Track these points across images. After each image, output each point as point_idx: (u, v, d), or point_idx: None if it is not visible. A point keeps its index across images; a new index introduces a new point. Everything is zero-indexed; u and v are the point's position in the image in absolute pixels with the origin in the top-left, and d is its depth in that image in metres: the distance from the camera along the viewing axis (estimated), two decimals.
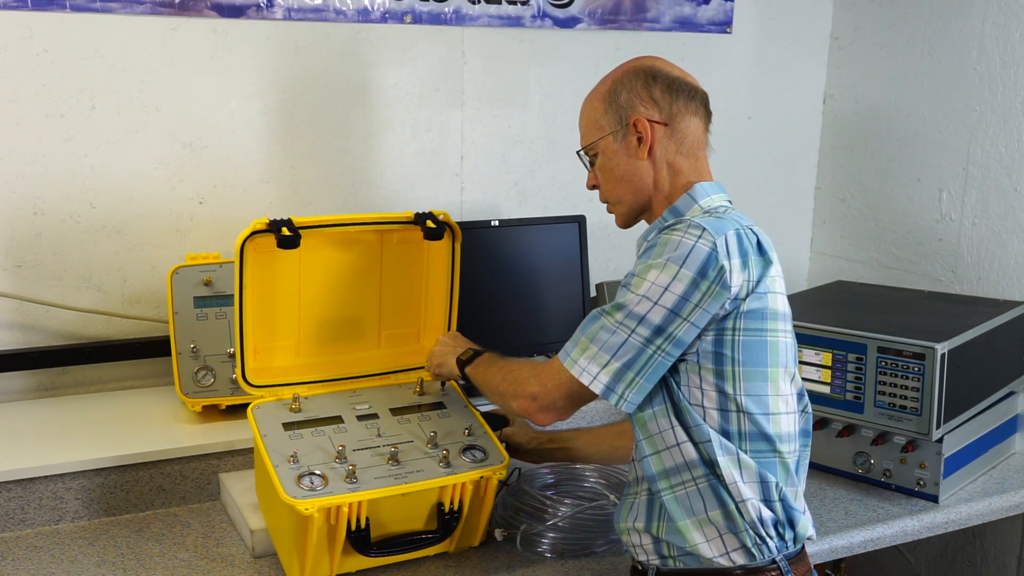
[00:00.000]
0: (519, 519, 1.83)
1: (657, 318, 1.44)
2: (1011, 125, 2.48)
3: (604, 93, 1.62)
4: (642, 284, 1.45)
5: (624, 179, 1.61)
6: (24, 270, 2.17)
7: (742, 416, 1.47)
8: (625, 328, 1.46)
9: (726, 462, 1.46)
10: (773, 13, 2.88)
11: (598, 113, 1.62)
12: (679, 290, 1.43)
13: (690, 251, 1.43)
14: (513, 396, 1.58)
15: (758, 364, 1.48)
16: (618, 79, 1.61)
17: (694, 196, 1.56)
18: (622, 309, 1.47)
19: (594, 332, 1.49)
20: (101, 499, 1.90)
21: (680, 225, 1.47)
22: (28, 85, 2.11)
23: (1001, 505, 2.08)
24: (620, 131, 1.59)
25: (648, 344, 1.45)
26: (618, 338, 1.46)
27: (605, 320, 1.48)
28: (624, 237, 2.82)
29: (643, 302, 1.45)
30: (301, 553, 1.61)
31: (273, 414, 1.76)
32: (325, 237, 1.83)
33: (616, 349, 1.46)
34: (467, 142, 2.57)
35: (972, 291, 2.58)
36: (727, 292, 1.43)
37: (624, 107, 1.58)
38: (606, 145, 1.61)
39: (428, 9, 2.44)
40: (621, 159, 1.60)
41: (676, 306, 1.43)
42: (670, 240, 1.46)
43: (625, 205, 1.64)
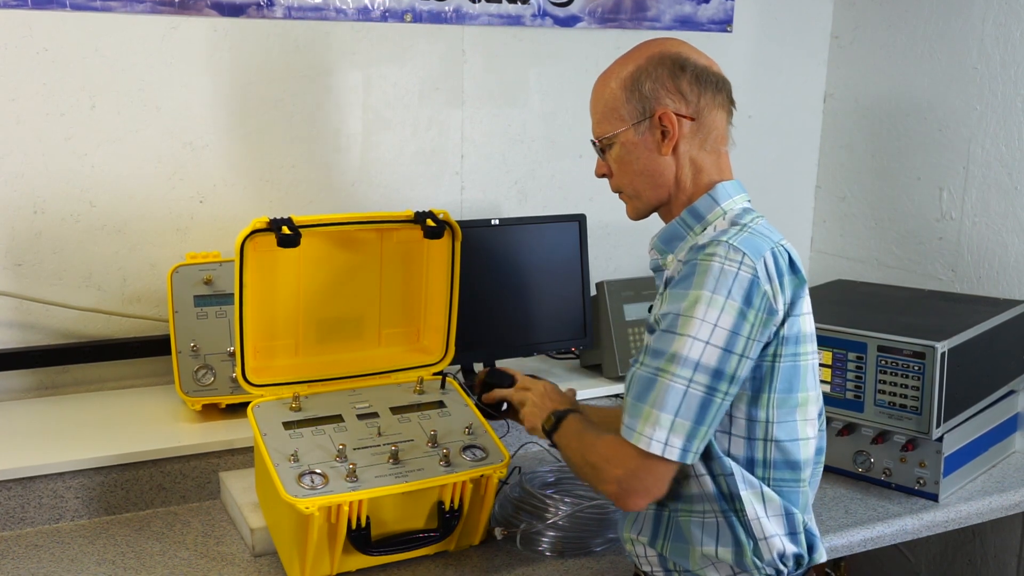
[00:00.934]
0: (519, 518, 1.83)
1: (713, 360, 1.35)
2: (1011, 124, 2.48)
3: (626, 80, 1.49)
4: (689, 323, 1.35)
5: (644, 174, 1.52)
6: (24, 269, 2.17)
7: (769, 444, 1.42)
8: (682, 380, 1.35)
9: (748, 496, 1.41)
10: (773, 12, 2.88)
11: (618, 101, 1.50)
12: (729, 324, 1.35)
13: (734, 280, 1.35)
14: (599, 481, 1.45)
15: (791, 390, 1.43)
16: (643, 66, 1.49)
17: (715, 197, 1.49)
18: (674, 360, 1.36)
19: (654, 397, 1.37)
20: (101, 498, 1.90)
21: (717, 249, 1.38)
22: (28, 84, 2.11)
23: (1001, 504, 2.08)
24: (643, 123, 1.48)
25: (712, 393, 1.36)
26: (677, 393, 1.35)
27: (661, 379, 1.37)
28: (624, 236, 2.83)
29: (695, 345, 1.35)
30: (301, 552, 1.61)
31: (273, 413, 1.76)
32: (325, 236, 1.83)
33: (679, 406, 1.35)
34: (467, 141, 2.57)
35: (972, 290, 2.58)
36: (775, 317, 1.38)
37: (649, 98, 1.48)
38: (626, 137, 1.50)
39: (428, 8, 2.44)
40: (642, 153, 1.50)
41: (729, 343, 1.35)
42: (710, 268, 1.36)
43: (642, 200, 1.55)
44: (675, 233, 1.52)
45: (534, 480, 1.93)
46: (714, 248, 1.38)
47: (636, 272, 2.79)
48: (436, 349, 1.96)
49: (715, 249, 1.38)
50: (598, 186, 2.75)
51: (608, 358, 2.41)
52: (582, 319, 2.43)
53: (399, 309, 1.96)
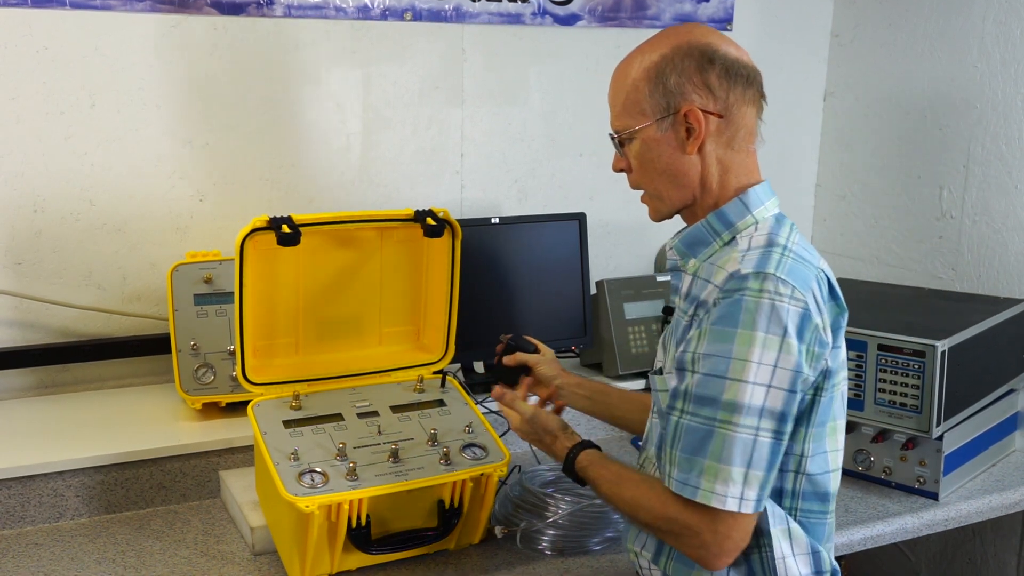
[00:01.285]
0: (519, 516, 1.83)
1: (779, 404, 1.27)
2: (1011, 122, 2.47)
3: (649, 71, 1.39)
4: (747, 368, 1.26)
5: (667, 173, 1.42)
6: (24, 268, 2.17)
7: (800, 476, 1.37)
8: (748, 429, 1.27)
9: (777, 534, 1.35)
10: (773, 10, 2.87)
11: (640, 94, 1.40)
12: (790, 364, 1.27)
13: (787, 316, 1.27)
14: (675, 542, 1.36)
15: (825, 422, 1.37)
16: (668, 57, 1.38)
17: (747, 203, 1.40)
18: (735, 409, 1.27)
19: (716, 450, 1.27)
20: (101, 496, 1.91)
21: (765, 283, 1.28)
22: (28, 83, 2.10)
23: (1001, 503, 2.08)
24: (667, 119, 1.38)
25: (779, 437, 1.29)
26: (746, 444, 1.27)
27: (723, 430, 1.27)
28: (624, 235, 2.83)
29: (755, 390, 1.26)
30: (301, 550, 1.61)
31: (273, 412, 1.76)
32: (325, 235, 1.83)
33: (749, 458, 1.27)
34: (467, 140, 2.57)
35: (972, 289, 2.58)
36: (826, 350, 1.32)
37: (674, 93, 1.37)
38: (648, 133, 1.40)
39: (428, 6, 2.44)
40: (664, 151, 1.40)
41: (792, 383, 1.28)
42: (760, 305, 1.27)
43: (664, 202, 1.45)
44: (700, 238, 1.43)
45: (534, 479, 1.93)
46: (761, 283, 1.29)
47: (636, 271, 2.79)
48: (436, 348, 1.96)
49: (763, 284, 1.29)
50: (598, 185, 2.77)
51: (608, 356, 2.41)
52: (582, 318, 2.43)
53: (399, 308, 1.96)
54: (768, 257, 1.33)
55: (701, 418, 1.29)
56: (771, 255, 1.33)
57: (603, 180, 2.71)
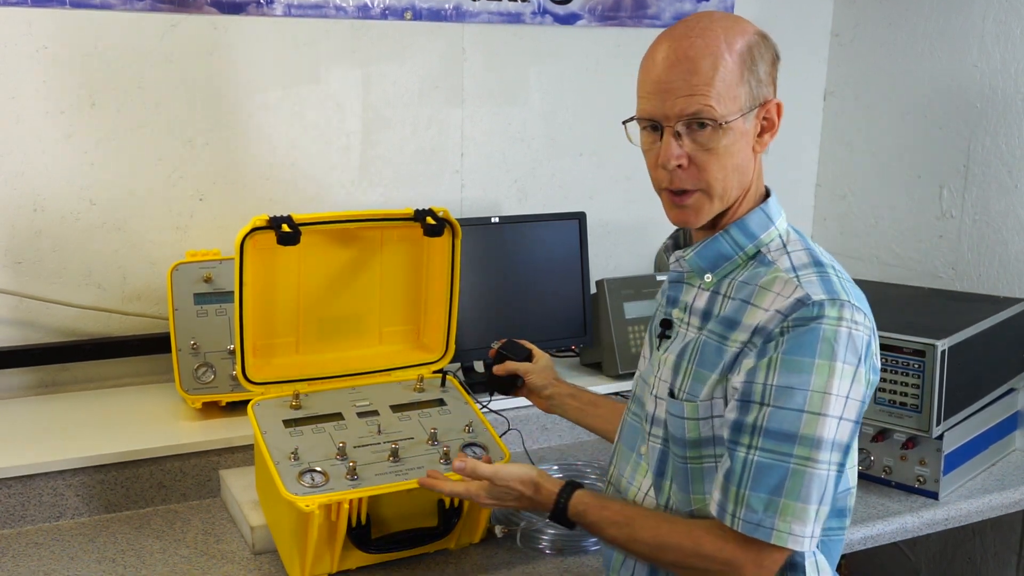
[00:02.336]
0: (519, 516, 1.83)
1: (846, 436, 1.24)
2: (1011, 122, 2.47)
3: (744, 56, 1.29)
4: (826, 400, 1.21)
5: (738, 170, 1.32)
6: (24, 267, 2.17)
7: None
8: (824, 465, 1.22)
9: (809, 566, 1.32)
10: (773, 10, 2.87)
11: (734, 79, 1.28)
12: (859, 395, 1.24)
13: (862, 345, 1.23)
14: None
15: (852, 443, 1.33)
16: (753, 43, 1.31)
17: (770, 215, 1.35)
18: (817, 445, 1.21)
19: (796, 488, 1.21)
20: (101, 496, 1.91)
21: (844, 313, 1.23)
22: (28, 82, 2.10)
23: (1001, 502, 2.08)
24: (752, 112, 1.30)
25: (842, 469, 1.25)
26: (821, 481, 1.22)
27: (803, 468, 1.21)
28: (624, 234, 2.83)
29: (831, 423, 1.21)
30: (301, 550, 1.61)
31: (273, 411, 1.76)
32: (325, 234, 1.83)
33: (823, 494, 1.23)
34: (467, 139, 2.57)
35: (972, 288, 2.58)
36: (878, 376, 1.29)
37: (763, 83, 1.31)
38: (738, 126, 1.29)
39: (428, 6, 2.44)
40: (743, 145, 1.31)
41: (858, 414, 1.25)
42: (838, 335, 1.22)
43: (723, 201, 1.33)
44: (723, 252, 1.36)
45: None
46: (839, 311, 1.23)
47: (636, 270, 2.79)
48: (436, 347, 1.96)
49: (841, 312, 1.23)
50: (598, 185, 2.77)
51: (608, 356, 2.41)
52: (582, 317, 2.43)
53: (399, 307, 1.96)
54: (828, 280, 1.28)
55: (777, 455, 1.22)
56: (830, 278, 1.28)
57: (603, 180, 2.71)
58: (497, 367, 1.79)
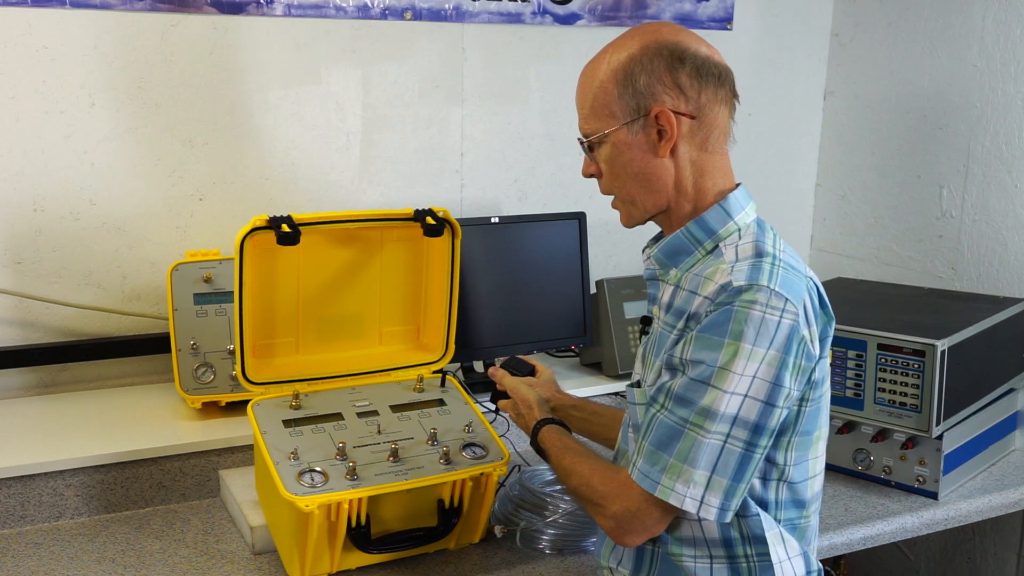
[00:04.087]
0: (519, 516, 1.83)
1: (753, 415, 1.27)
2: (1011, 122, 2.47)
3: (617, 72, 1.35)
4: (726, 377, 1.26)
5: (639, 177, 1.39)
6: (24, 267, 2.17)
7: (782, 485, 1.37)
8: (718, 436, 1.27)
9: (772, 539, 1.35)
10: (773, 10, 2.87)
11: (609, 97, 1.36)
12: (771, 376, 1.26)
13: (776, 329, 1.26)
14: (594, 512, 1.41)
15: (810, 431, 1.37)
16: (636, 57, 1.34)
17: (728, 210, 1.38)
18: (708, 415, 1.27)
19: (684, 451, 1.28)
20: (101, 496, 1.91)
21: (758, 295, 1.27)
22: (28, 82, 2.10)
23: (1001, 502, 2.08)
24: (638, 122, 1.35)
25: (751, 448, 1.28)
26: (713, 450, 1.27)
27: (692, 433, 1.28)
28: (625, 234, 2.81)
29: (732, 399, 1.26)
30: (301, 550, 1.61)
31: (273, 411, 1.76)
32: (325, 234, 1.83)
33: (715, 463, 1.27)
34: (467, 139, 2.57)
35: (972, 288, 2.58)
36: (812, 363, 1.31)
37: (644, 94, 1.34)
38: (618, 137, 1.37)
39: (428, 6, 2.44)
40: (636, 155, 1.37)
41: (771, 396, 1.27)
42: (750, 317, 1.26)
43: (638, 206, 1.43)
44: (681, 247, 1.41)
45: (533, 478, 1.93)
46: (754, 295, 1.27)
47: (636, 270, 2.78)
48: (436, 347, 1.96)
49: (756, 296, 1.27)
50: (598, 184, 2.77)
51: (608, 356, 2.41)
52: (582, 317, 2.43)
53: (399, 307, 1.96)
54: (759, 268, 1.31)
55: (676, 417, 1.30)
56: (762, 266, 1.32)
57: None
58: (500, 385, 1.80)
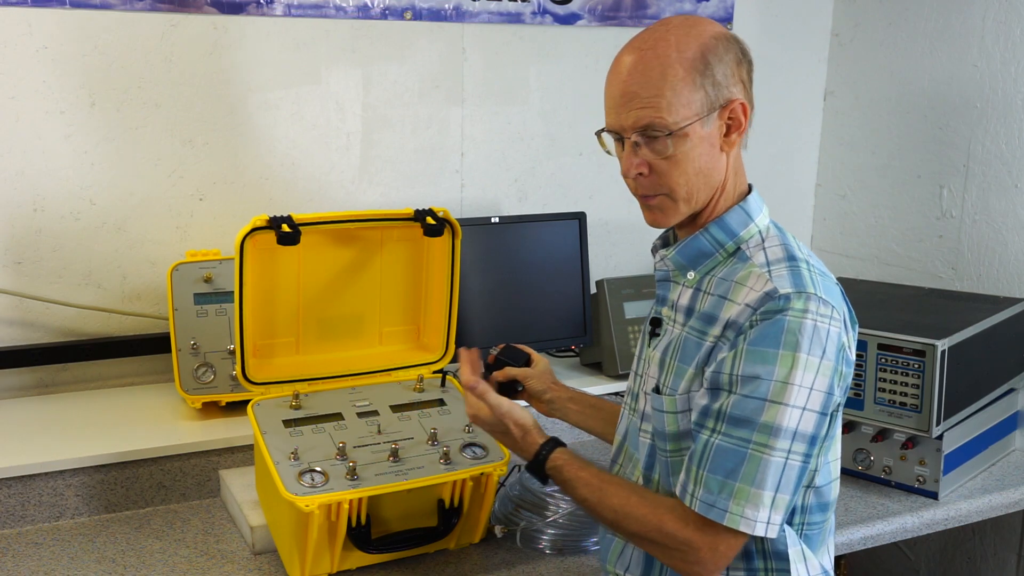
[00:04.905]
0: (519, 516, 1.83)
1: (811, 427, 1.25)
2: (1012, 122, 2.47)
3: (692, 61, 1.30)
4: (787, 391, 1.23)
5: (703, 173, 1.34)
6: (24, 267, 2.17)
7: (809, 491, 1.36)
8: (781, 452, 1.24)
9: (794, 556, 1.34)
10: (773, 10, 2.87)
11: (685, 87, 1.30)
12: (825, 386, 1.25)
13: (827, 338, 1.25)
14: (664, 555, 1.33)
15: (835, 435, 1.37)
16: (709, 47, 1.31)
17: (749, 212, 1.37)
18: (774, 432, 1.23)
19: (751, 473, 1.24)
20: (101, 496, 1.91)
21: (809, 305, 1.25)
22: (28, 82, 2.10)
23: (1001, 502, 2.08)
24: (712, 114, 1.32)
25: (807, 460, 1.26)
26: (777, 468, 1.24)
27: (759, 454, 1.24)
28: (624, 234, 2.83)
29: (793, 413, 1.23)
30: (301, 550, 1.61)
31: (273, 411, 1.76)
32: (325, 234, 1.83)
33: (779, 481, 1.24)
34: (467, 139, 2.57)
35: (972, 288, 2.58)
36: (851, 368, 1.31)
37: (722, 85, 1.32)
38: (694, 129, 1.31)
39: (428, 6, 2.44)
40: (705, 148, 1.33)
41: (824, 406, 1.26)
42: (803, 326, 1.24)
43: (689, 204, 1.36)
44: (703, 250, 1.39)
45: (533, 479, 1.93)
46: (805, 303, 1.26)
47: (636, 270, 2.79)
48: (436, 347, 1.96)
49: (807, 304, 1.25)
50: (598, 184, 2.77)
51: (608, 356, 2.41)
52: (582, 317, 2.43)
53: (399, 307, 1.96)
54: (799, 274, 1.30)
55: (736, 439, 1.25)
56: (800, 271, 1.30)
57: (603, 179, 2.71)
58: (496, 373, 1.77)
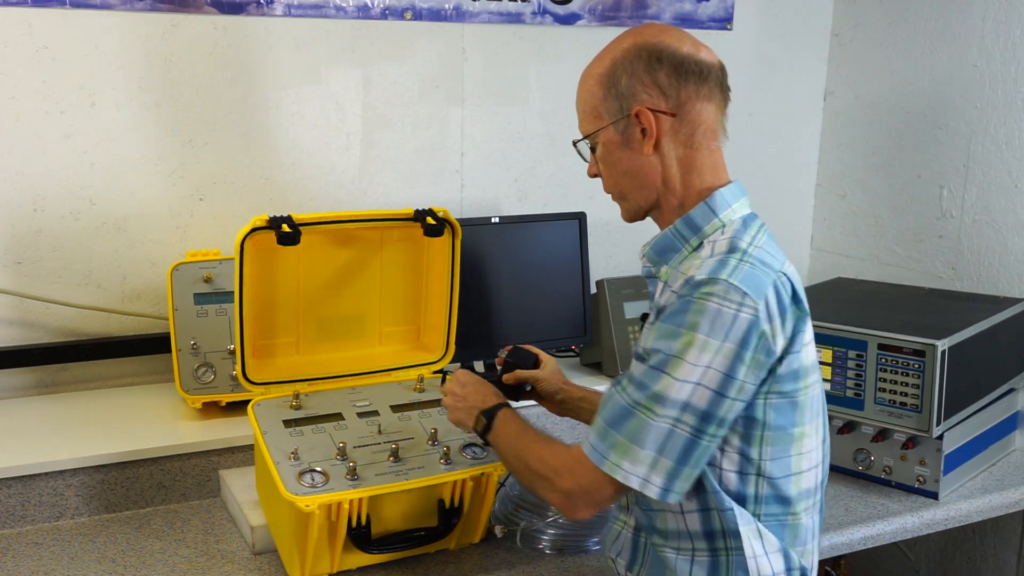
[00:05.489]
0: (519, 516, 1.83)
1: (703, 403, 1.29)
2: (1012, 122, 2.47)
3: (602, 75, 1.42)
4: (679, 366, 1.29)
5: (629, 174, 1.45)
6: (24, 267, 2.17)
7: (761, 480, 1.37)
8: (666, 420, 1.30)
9: (747, 533, 1.36)
10: (773, 10, 2.87)
11: (596, 99, 1.43)
12: (723, 367, 1.29)
13: (732, 323, 1.28)
14: (543, 490, 1.43)
15: (786, 427, 1.37)
16: (618, 59, 1.41)
17: (713, 207, 1.41)
18: (658, 399, 1.30)
19: (633, 430, 1.31)
20: (101, 496, 1.91)
21: (716, 288, 1.29)
22: (28, 82, 2.10)
23: (1001, 502, 2.08)
24: (622, 121, 1.41)
25: (699, 435, 1.30)
26: (661, 433, 1.30)
27: (643, 416, 1.31)
28: (625, 234, 2.82)
29: (683, 387, 1.29)
30: (302, 550, 1.61)
31: (274, 411, 1.76)
32: (325, 234, 1.83)
33: (663, 445, 1.30)
34: (467, 139, 2.57)
35: (972, 288, 2.58)
36: (771, 359, 1.32)
37: (625, 95, 1.40)
38: (607, 136, 1.44)
39: (428, 6, 2.44)
40: (624, 153, 1.43)
41: (722, 386, 1.29)
42: (707, 309, 1.29)
43: (631, 202, 1.49)
44: (669, 244, 1.45)
45: None
46: (712, 287, 1.30)
47: (636, 270, 2.76)
48: (436, 347, 1.96)
49: (713, 288, 1.30)
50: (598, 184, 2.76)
51: (608, 356, 2.41)
52: (582, 317, 2.43)
53: (399, 307, 1.96)
54: (724, 263, 1.34)
55: (630, 400, 1.33)
56: (728, 261, 1.34)
57: None
58: (507, 376, 1.78)
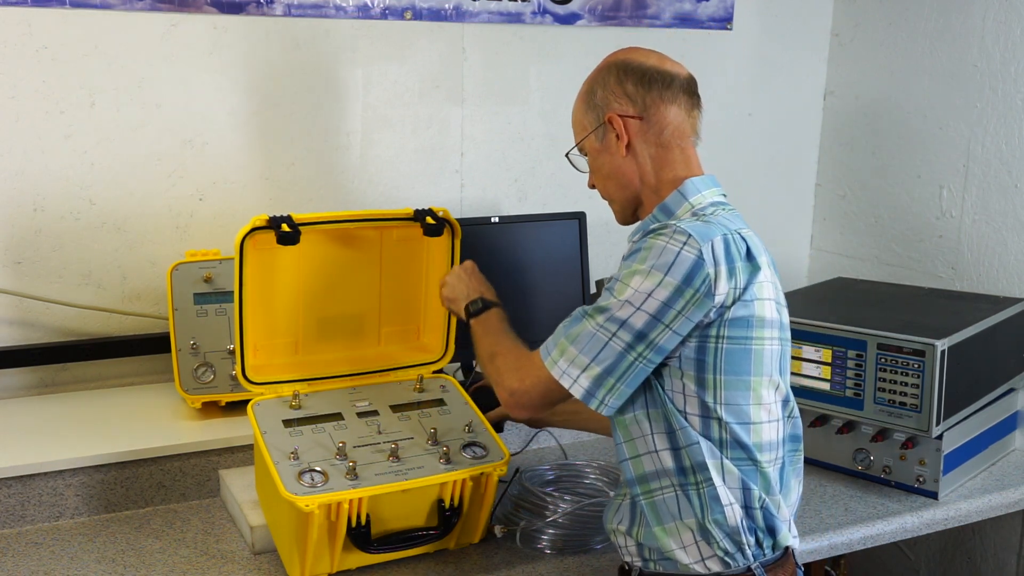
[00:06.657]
0: (519, 516, 1.83)
1: (639, 323, 1.43)
2: (1011, 122, 2.47)
3: (583, 94, 1.64)
4: (625, 289, 1.45)
5: (611, 176, 1.62)
6: (24, 266, 2.17)
7: (721, 424, 1.46)
8: (606, 331, 1.45)
9: (713, 465, 1.46)
10: (773, 10, 2.87)
11: (580, 114, 1.64)
12: (662, 296, 1.42)
13: (675, 258, 1.42)
14: (495, 383, 1.61)
15: (740, 373, 1.47)
16: (595, 77, 1.62)
17: (684, 193, 1.55)
18: (604, 312, 1.46)
19: (575, 334, 1.48)
20: (101, 495, 1.91)
21: (665, 230, 1.45)
22: (28, 82, 2.10)
23: (1001, 502, 2.08)
24: (600, 129, 1.60)
25: (629, 350, 1.44)
26: (598, 342, 1.46)
27: (587, 323, 1.48)
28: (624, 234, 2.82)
29: (625, 307, 1.44)
30: (301, 549, 1.61)
31: (273, 411, 1.76)
32: (325, 234, 1.83)
33: (596, 353, 1.46)
34: (467, 139, 2.57)
35: (972, 288, 2.58)
36: (711, 300, 1.42)
37: (600, 105, 1.59)
38: (590, 145, 1.63)
39: (428, 5, 2.44)
40: (605, 158, 1.61)
41: (659, 312, 1.42)
42: (655, 246, 1.44)
43: (617, 203, 1.65)
44: (647, 228, 1.56)
45: (534, 478, 1.93)
46: (662, 229, 1.46)
47: None
48: (436, 347, 1.96)
49: (663, 230, 1.45)
50: None
51: None
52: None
53: (399, 307, 1.96)
54: (678, 219, 1.51)
55: (583, 311, 1.51)
56: (682, 219, 1.50)
57: None
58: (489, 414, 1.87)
